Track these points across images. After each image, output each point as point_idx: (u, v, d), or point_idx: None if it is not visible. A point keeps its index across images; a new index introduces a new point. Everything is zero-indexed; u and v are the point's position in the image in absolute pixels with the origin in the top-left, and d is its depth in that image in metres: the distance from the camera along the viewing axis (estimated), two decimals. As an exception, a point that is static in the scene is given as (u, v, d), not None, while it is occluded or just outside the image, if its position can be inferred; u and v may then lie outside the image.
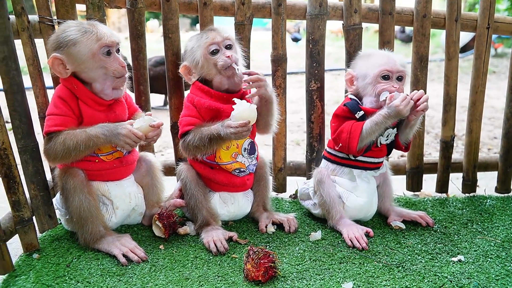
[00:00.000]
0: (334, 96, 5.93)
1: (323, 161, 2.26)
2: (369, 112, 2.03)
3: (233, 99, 1.89)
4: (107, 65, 1.86)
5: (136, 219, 2.15)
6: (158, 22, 15.37)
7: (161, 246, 1.96)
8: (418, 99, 1.97)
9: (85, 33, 1.84)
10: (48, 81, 2.10)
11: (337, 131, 2.07)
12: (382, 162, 2.19)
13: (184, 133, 2.02)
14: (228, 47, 2.03)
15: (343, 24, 2.37)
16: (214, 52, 2.00)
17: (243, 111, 1.85)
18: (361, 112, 2.03)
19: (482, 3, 2.39)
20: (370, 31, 12.88)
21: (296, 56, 9.05)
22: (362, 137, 1.98)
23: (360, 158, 2.10)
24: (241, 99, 2.08)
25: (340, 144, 2.06)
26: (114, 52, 1.89)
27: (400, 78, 2.05)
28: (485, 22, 2.40)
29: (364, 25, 2.38)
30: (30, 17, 1.99)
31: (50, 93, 2.07)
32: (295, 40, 12.64)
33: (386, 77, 2.03)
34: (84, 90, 1.88)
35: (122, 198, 2.04)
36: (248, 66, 2.30)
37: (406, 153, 2.53)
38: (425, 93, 2.17)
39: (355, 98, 2.11)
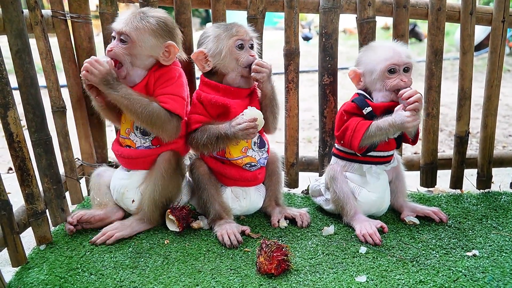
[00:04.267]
0: (346, 93, 5.89)
1: (333, 158, 2.24)
2: (377, 107, 2.01)
3: (248, 107, 1.92)
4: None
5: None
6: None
7: (166, 241, 1.95)
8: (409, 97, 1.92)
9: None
10: (62, 79, 2.11)
11: (342, 128, 2.05)
12: (392, 155, 2.16)
13: (192, 130, 2.02)
14: (251, 47, 2.04)
15: (356, 18, 2.35)
16: (240, 47, 1.99)
17: (254, 113, 1.89)
18: (369, 108, 2.00)
19: (497, -4, 2.36)
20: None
21: (307, 54, 8.99)
22: (365, 138, 1.97)
23: (369, 153, 2.08)
24: (251, 96, 2.08)
25: (342, 141, 2.06)
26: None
27: (406, 70, 2.02)
28: (500, 16, 2.36)
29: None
30: (43, 11, 2.00)
31: (63, 90, 2.09)
32: (306, 39, 12.57)
33: (392, 71, 2.00)
34: None
35: None
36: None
37: (420, 149, 2.50)
38: (440, 89, 2.13)
39: (363, 93, 2.09)
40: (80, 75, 1.89)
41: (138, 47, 1.91)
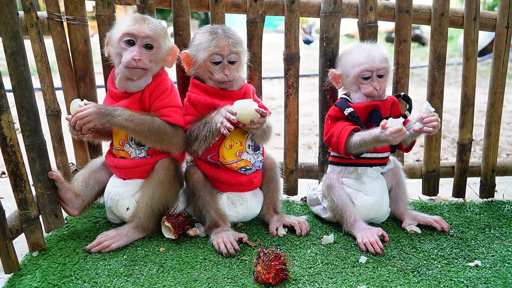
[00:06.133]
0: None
1: (329, 166, 2.23)
2: (359, 108, 2.03)
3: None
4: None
5: None
6: (166, 24, 15.38)
7: (162, 249, 1.92)
8: (429, 122, 1.93)
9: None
10: (57, 81, 2.08)
11: (328, 134, 2.06)
12: (387, 157, 2.14)
13: (184, 131, 2.01)
14: (232, 62, 2.00)
15: (358, 22, 2.32)
16: (216, 63, 1.97)
17: (246, 105, 1.86)
18: (350, 109, 2.02)
19: (501, 2, 2.33)
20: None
21: (308, 58, 8.96)
22: (349, 146, 1.97)
23: (361, 155, 2.06)
24: (243, 97, 2.05)
25: (330, 147, 2.08)
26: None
27: (380, 75, 2.04)
28: (504, 22, 2.34)
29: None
30: (39, 13, 1.97)
31: (58, 93, 2.05)
32: (307, 42, 12.56)
33: (366, 77, 2.03)
34: None
35: None
36: (259, 65, 2.27)
37: (422, 157, 2.46)
38: (442, 96, 2.08)
39: (345, 96, 2.13)
40: (76, 133, 1.89)
41: (160, 52, 1.93)
